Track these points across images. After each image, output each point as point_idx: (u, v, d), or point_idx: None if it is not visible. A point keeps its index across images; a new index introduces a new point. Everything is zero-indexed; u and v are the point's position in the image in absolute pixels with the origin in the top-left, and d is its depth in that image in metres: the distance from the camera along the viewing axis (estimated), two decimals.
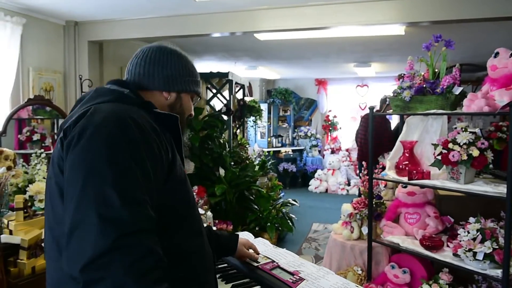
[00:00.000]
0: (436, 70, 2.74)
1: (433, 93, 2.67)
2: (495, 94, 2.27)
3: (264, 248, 1.61)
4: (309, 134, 9.14)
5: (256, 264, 1.46)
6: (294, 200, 5.36)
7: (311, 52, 5.79)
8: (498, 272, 2.22)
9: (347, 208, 3.11)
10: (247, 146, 5.96)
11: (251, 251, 1.47)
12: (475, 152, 2.35)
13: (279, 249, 1.61)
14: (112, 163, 0.81)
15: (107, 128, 0.85)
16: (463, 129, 2.53)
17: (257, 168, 5.60)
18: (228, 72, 5.37)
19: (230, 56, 6.25)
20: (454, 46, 2.59)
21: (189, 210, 1.02)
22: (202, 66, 7.12)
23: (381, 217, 3.01)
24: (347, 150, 8.68)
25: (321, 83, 9.51)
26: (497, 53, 2.43)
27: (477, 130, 2.84)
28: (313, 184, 8.33)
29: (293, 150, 8.87)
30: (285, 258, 1.51)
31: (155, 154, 0.90)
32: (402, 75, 2.88)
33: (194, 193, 3.98)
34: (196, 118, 4.78)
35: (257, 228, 4.49)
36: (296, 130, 9.41)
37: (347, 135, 9.02)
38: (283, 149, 8.79)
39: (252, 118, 6.42)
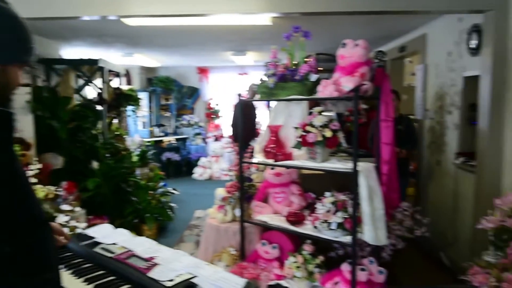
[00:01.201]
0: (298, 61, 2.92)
1: (293, 80, 2.84)
2: (343, 81, 2.51)
3: (123, 238, 1.54)
4: (192, 122, 9.08)
5: (110, 255, 1.39)
6: (174, 189, 5.28)
7: (188, 40, 5.70)
8: (348, 238, 2.50)
9: (220, 192, 3.17)
10: (125, 136, 5.66)
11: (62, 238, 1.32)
12: (328, 133, 2.59)
13: (138, 238, 1.56)
14: None
15: None
16: (319, 113, 2.76)
17: (136, 159, 5.36)
18: (99, 59, 4.99)
19: (102, 42, 5.81)
20: (318, 37, 2.80)
21: None
22: (72, 52, 6.49)
23: (252, 199, 3.14)
24: (230, 137, 8.85)
25: (203, 71, 9.47)
26: (345, 44, 2.68)
27: (332, 113, 3.13)
28: (197, 172, 8.33)
29: (176, 139, 8.72)
30: (142, 246, 1.47)
31: None
32: (267, 63, 3.01)
33: (63, 189, 3.63)
34: (63, 108, 4.36)
35: (136, 220, 4.32)
36: (179, 118, 9.25)
37: (229, 122, 9.19)
38: (165, 139, 8.58)
39: (130, 107, 6.11)
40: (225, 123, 9.37)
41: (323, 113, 2.80)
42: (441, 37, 4.11)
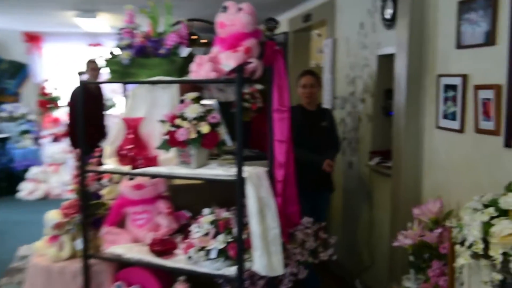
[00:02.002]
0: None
1: (157, 55, 2.81)
2: (222, 57, 2.55)
3: None
4: (17, 114, 8.50)
5: None
6: None
7: None
8: (233, 270, 2.54)
9: (53, 216, 3.02)
10: None
11: None
12: (205, 129, 2.60)
13: None
14: None
15: None
16: (194, 101, 2.76)
17: None
18: None
19: None
20: None
21: None
22: None
23: (102, 223, 3.04)
24: (65, 134, 8.45)
25: (33, 39, 8.93)
26: (226, 8, 2.71)
27: (213, 101, 3.17)
28: (25, 188, 7.85)
29: None
30: None
31: None
32: (120, 30, 2.92)
33: None
34: None
35: None
36: None
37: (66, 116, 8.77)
38: None
39: None
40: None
41: (202, 101, 2.82)
42: (352, 3, 4.44)
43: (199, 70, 2.61)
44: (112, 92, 8.02)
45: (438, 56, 3.07)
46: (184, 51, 2.78)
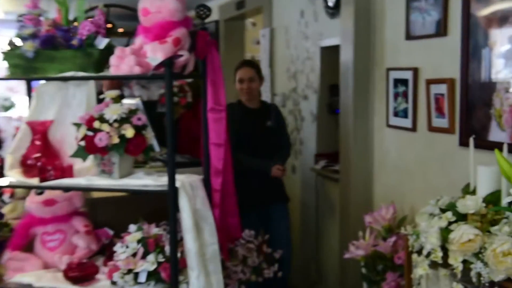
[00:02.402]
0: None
1: (69, 46, 2.74)
2: (148, 49, 2.53)
3: None
4: None
5: None
6: None
7: None
8: None
9: None
10: None
11: None
12: (129, 132, 2.57)
13: None
14: None
15: None
16: (115, 100, 2.73)
17: None
18: None
19: None
20: None
21: None
22: None
23: (4, 248, 2.93)
24: None
25: None
26: None
27: (136, 101, 3.15)
28: None
29: None
30: None
31: None
32: (21, 16, 2.84)
33: None
34: None
35: None
36: None
37: None
38: None
39: None
40: None
41: (123, 101, 2.79)
42: None
43: (121, 64, 2.58)
44: (9, 90, 7.72)
45: (387, 47, 3.19)
46: (102, 42, 2.72)
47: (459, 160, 2.59)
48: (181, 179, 2.56)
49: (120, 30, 5.23)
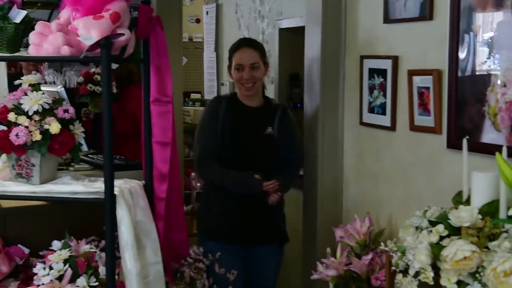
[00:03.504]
0: None
1: None
2: (79, 26, 2.47)
3: None
4: None
5: None
6: None
7: None
8: None
9: None
10: None
11: None
12: (54, 127, 2.51)
13: None
14: None
15: None
16: (34, 87, 2.65)
17: None
18: None
19: None
20: None
21: None
22: None
23: None
24: None
25: None
26: None
27: (59, 88, 3.08)
28: None
29: None
30: None
31: None
32: None
33: None
34: None
35: None
36: None
37: None
38: None
39: None
40: None
41: (42, 87, 2.73)
42: None
43: (43, 43, 2.51)
44: None
45: (361, 31, 3.20)
46: (18, 15, 2.65)
47: (446, 165, 2.62)
48: (118, 185, 2.52)
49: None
